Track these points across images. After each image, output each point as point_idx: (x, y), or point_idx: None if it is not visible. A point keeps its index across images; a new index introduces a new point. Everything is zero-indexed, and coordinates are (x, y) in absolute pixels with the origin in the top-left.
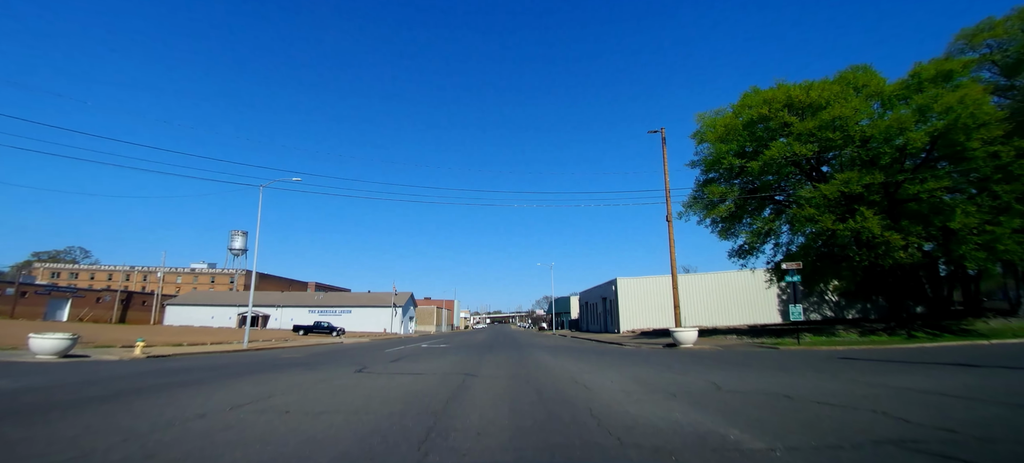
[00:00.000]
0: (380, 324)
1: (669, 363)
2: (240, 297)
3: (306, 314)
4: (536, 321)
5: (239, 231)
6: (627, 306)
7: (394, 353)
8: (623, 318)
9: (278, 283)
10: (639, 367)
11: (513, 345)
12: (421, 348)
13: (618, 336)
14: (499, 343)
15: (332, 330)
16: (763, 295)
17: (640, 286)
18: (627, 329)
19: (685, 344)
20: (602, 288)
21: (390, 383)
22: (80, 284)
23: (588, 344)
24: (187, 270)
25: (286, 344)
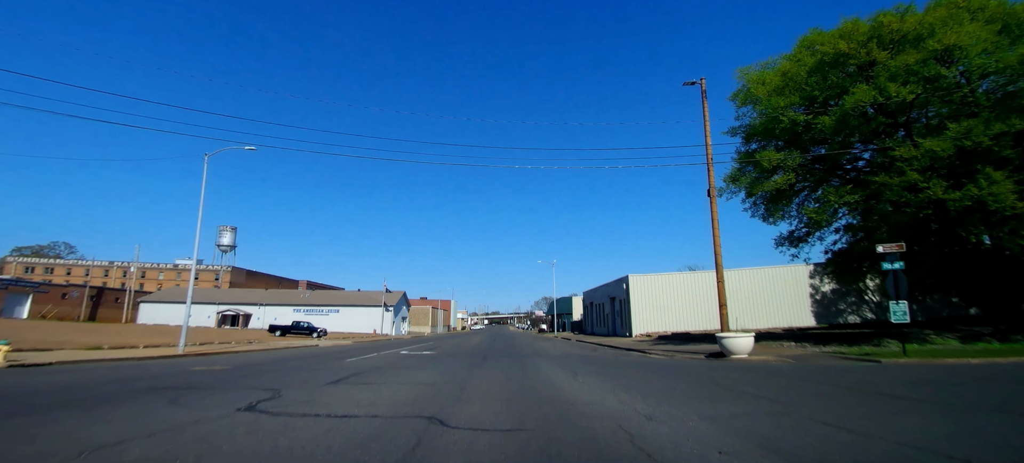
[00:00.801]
0: (370, 324)
1: (767, 392)
2: (222, 294)
3: (291, 313)
4: (535, 322)
5: (228, 226)
6: (640, 307)
7: (353, 365)
8: (635, 320)
9: (267, 281)
10: (729, 402)
11: (512, 351)
12: (397, 356)
13: (632, 341)
14: (495, 349)
15: (312, 331)
16: (794, 294)
17: (655, 284)
18: (640, 332)
19: (738, 354)
20: (610, 287)
21: (264, 446)
22: (56, 279)
23: (603, 352)
24: (170, 266)
25: (246, 348)
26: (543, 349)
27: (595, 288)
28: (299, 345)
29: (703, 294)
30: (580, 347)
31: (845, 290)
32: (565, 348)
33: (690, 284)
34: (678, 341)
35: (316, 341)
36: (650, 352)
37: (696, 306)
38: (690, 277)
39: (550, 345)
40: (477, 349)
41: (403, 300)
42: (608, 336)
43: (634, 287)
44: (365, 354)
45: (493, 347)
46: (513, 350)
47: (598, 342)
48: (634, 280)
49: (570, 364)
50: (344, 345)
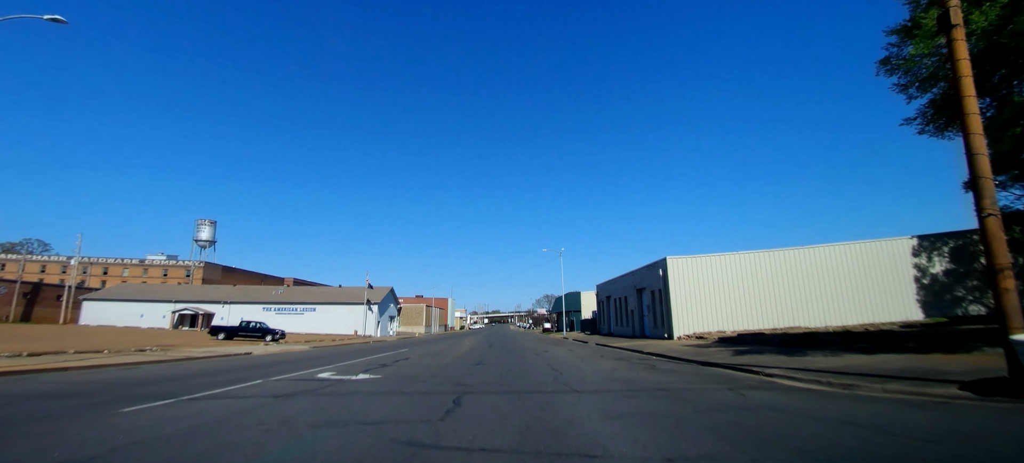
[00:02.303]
0: (351, 324)
1: None
2: (182, 292)
3: (259, 312)
4: (537, 321)
5: (206, 220)
6: (684, 299)
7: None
8: (678, 317)
9: (248, 278)
10: None
11: (516, 367)
12: (312, 384)
13: (678, 345)
14: (492, 358)
15: (265, 333)
16: (891, 278)
17: (703, 269)
18: (684, 333)
19: None
20: (637, 276)
21: None
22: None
23: (668, 374)
24: (136, 262)
25: (122, 360)
26: (563, 361)
27: (613, 280)
28: (220, 353)
29: (774, 278)
30: (615, 358)
31: (963, 271)
32: (593, 359)
33: (754, 267)
34: (762, 347)
35: (265, 348)
36: (769, 373)
37: (764, 295)
38: (753, 258)
39: (566, 351)
40: (464, 361)
41: (390, 297)
42: (634, 337)
43: (676, 273)
44: (240, 382)
45: (489, 353)
46: (517, 363)
47: (628, 347)
48: (675, 264)
49: (666, 420)
50: (297, 351)
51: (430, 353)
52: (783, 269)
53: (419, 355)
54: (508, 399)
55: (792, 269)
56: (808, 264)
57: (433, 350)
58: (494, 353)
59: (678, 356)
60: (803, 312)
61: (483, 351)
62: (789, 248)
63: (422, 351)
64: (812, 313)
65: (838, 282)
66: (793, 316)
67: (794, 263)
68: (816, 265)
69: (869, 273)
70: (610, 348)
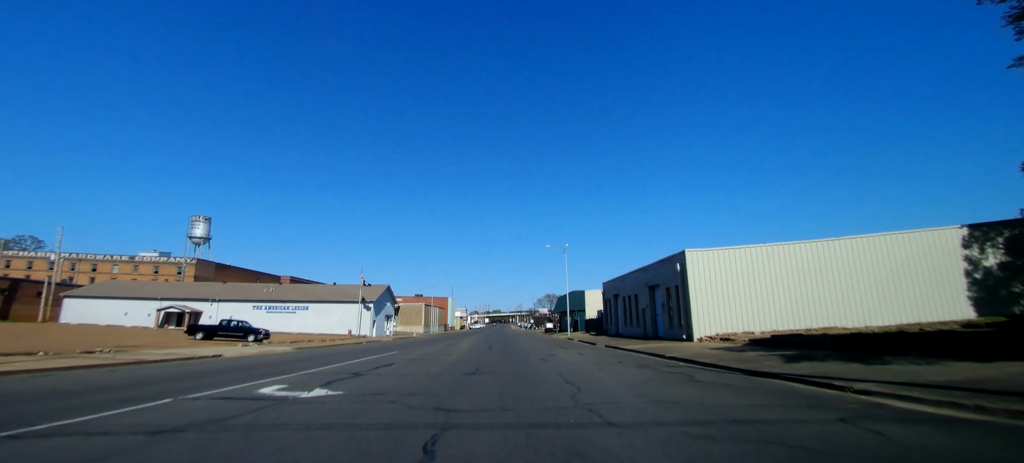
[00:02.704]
0: (346, 324)
1: None
2: (168, 289)
3: (249, 310)
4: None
5: (201, 217)
6: (704, 296)
7: None
8: (698, 316)
9: (243, 276)
10: None
11: (520, 377)
12: (238, 407)
13: (700, 347)
14: (491, 364)
15: (247, 333)
16: (938, 271)
17: (726, 263)
18: (706, 334)
19: None
20: (650, 271)
21: None
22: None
23: (733, 393)
24: (126, 258)
25: (38, 366)
26: (576, 369)
27: (621, 276)
28: (182, 356)
29: (805, 273)
30: (637, 365)
31: (1021, 264)
32: (610, 365)
33: (783, 260)
34: (811, 350)
35: (242, 348)
36: (860, 390)
37: (795, 292)
38: (782, 251)
39: (576, 355)
40: (451, 374)
41: (386, 296)
42: (646, 338)
43: (695, 267)
44: (138, 403)
45: (487, 358)
46: (520, 373)
47: (645, 350)
48: (695, 258)
49: None
50: (259, 356)
51: (420, 357)
52: (816, 263)
53: (406, 360)
54: (512, 440)
55: (826, 263)
56: (844, 257)
57: (425, 353)
58: (493, 358)
59: (713, 363)
60: (838, 310)
61: (481, 355)
62: (823, 239)
63: (412, 354)
64: (849, 311)
65: (878, 277)
66: (827, 315)
67: (828, 256)
68: (853, 258)
69: (913, 267)
70: (624, 351)
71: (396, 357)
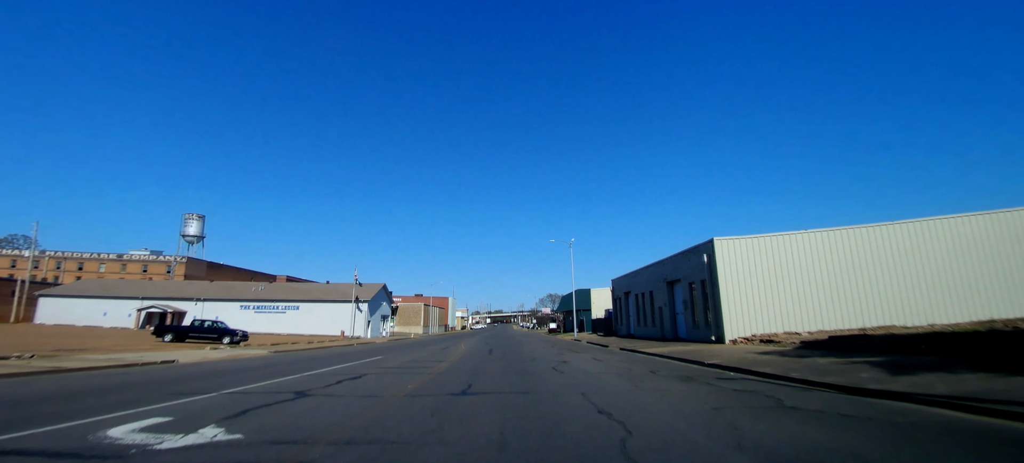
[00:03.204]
0: (338, 324)
1: None
2: (151, 288)
3: (237, 310)
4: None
5: (194, 215)
6: (737, 291)
7: None
8: (730, 314)
9: (237, 275)
10: None
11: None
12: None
13: (740, 352)
14: (488, 377)
15: (223, 335)
16: (1014, 260)
17: (762, 253)
18: (739, 335)
19: None
20: (669, 266)
21: None
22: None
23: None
24: (114, 257)
25: None
26: (601, 383)
27: (633, 272)
28: (125, 363)
29: (855, 263)
30: (679, 377)
31: None
32: (643, 377)
33: (828, 248)
34: (888, 356)
35: (209, 352)
36: None
37: (844, 284)
38: (827, 238)
39: (593, 362)
40: (434, 393)
41: (382, 295)
42: (664, 340)
43: (726, 258)
44: None
45: (483, 372)
46: (528, 391)
47: (672, 354)
48: (726, 247)
49: None
50: (226, 362)
51: (402, 366)
52: (868, 251)
53: (384, 369)
54: None
55: (880, 251)
56: (902, 243)
57: (411, 360)
58: (493, 366)
59: (779, 374)
60: (895, 306)
61: (478, 362)
62: (876, 224)
63: (396, 360)
64: (909, 307)
65: (941, 266)
66: (883, 311)
67: (882, 243)
68: (913, 244)
69: (977, 256)
70: (649, 355)
71: (374, 365)
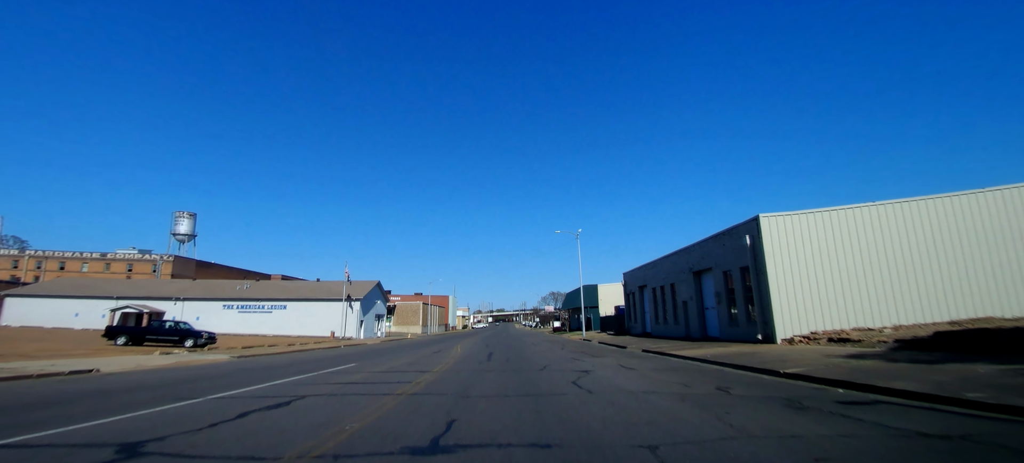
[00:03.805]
0: (329, 324)
1: None
2: (127, 287)
3: (219, 310)
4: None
5: (185, 213)
6: (790, 280)
7: None
8: (782, 308)
9: (227, 273)
10: None
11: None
12: None
13: (838, 357)
14: (480, 400)
15: (186, 336)
16: None
17: (819, 231)
18: (796, 333)
19: None
20: (696, 253)
21: None
22: None
23: None
24: (96, 256)
25: None
26: (666, 413)
27: (649, 263)
28: (25, 374)
29: (939, 241)
30: (783, 401)
31: None
32: (723, 402)
33: (902, 224)
34: None
35: (158, 360)
36: None
37: (925, 268)
38: (901, 211)
39: (620, 370)
40: (391, 437)
41: (376, 293)
42: (693, 340)
43: (774, 240)
44: None
45: (474, 394)
46: (547, 426)
47: (719, 358)
48: (773, 226)
49: None
50: (165, 371)
51: (371, 381)
52: (953, 227)
53: (341, 387)
54: None
55: (968, 226)
56: (997, 215)
57: (388, 370)
58: (491, 380)
59: (935, 395)
60: (991, 294)
61: (472, 374)
62: (962, 192)
63: (369, 371)
64: (1008, 295)
65: (989, 247)
66: (975, 300)
67: (972, 216)
68: (1012, 216)
69: None
70: (688, 361)
71: (336, 379)
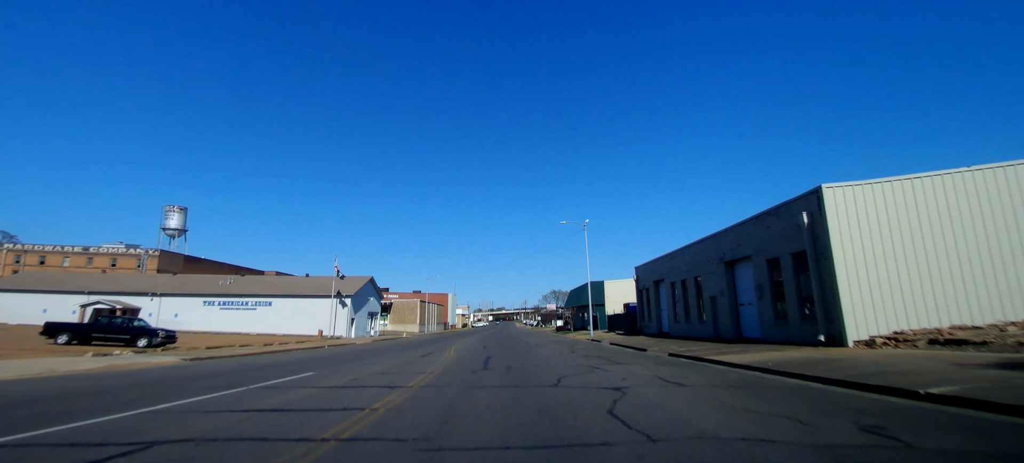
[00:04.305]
0: (317, 322)
1: None
2: (98, 281)
3: (199, 306)
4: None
5: (176, 206)
6: (859, 264)
7: None
8: (852, 301)
9: (218, 269)
10: None
11: None
12: None
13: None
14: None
15: (139, 335)
16: None
17: (900, 204)
18: (876, 333)
19: None
20: (733, 237)
21: None
22: None
23: None
24: (78, 249)
25: None
26: None
27: (668, 255)
28: None
29: None
30: None
31: None
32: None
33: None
34: None
35: (90, 362)
36: None
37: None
38: (1001, 176)
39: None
40: None
41: (369, 289)
42: (722, 341)
43: (841, 216)
44: None
45: (457, 423)
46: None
47: (786, 367)
48: (839, 199)
49: None
50: (53, 380)
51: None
52: None
53: (271, 408)
54: None
55: None
56: None
57: (355, 380)
58: (484, 407)
59: None
60: None
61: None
62: None
63: (328, 383)
64: None
65: None
66: None
67: None
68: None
69: None
70: (741, 370)
71: (257, 400)
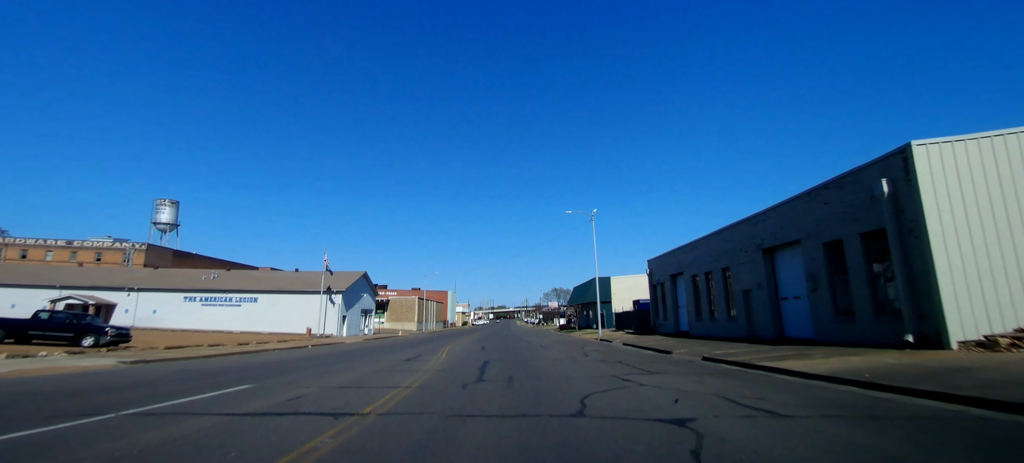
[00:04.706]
0: (306, 319)
1: None
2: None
3: (180, 302)
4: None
5: (167, 200)
6: (966, 243)
7: None
8: (955, 291)
9: (209, 264)
10: None
11: None
12: None
13: None
14: None
15: (85, 333)
16: None
17: (1013, 162)
18: (993, 331)
19: None
20: (776, 218)
21: None
22: None
23: None
24: (62, 243)
25: None
26: None
27: (688, 245)
28: None
29: None
30: None
31: None
32: None
33: None
34: None
35: (5, 365)
36: None
37: None
38: None
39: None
40: None
41: (362, 285)
42: (759, 342)
43: (937, 182)
44: None
45: None
46: None
47: (938, 389)
48: (935, 157)
49: None
50: None
51: (214, 431)
52: None
53: None
54: None
55: None
56: None
57: (284, 401)
58: (473, 436)
59: None
60: None
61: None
62: None
63: (266, 401)
64: None
65: None
66: None
67: None
68: None
69: None
70: (832, 384)
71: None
